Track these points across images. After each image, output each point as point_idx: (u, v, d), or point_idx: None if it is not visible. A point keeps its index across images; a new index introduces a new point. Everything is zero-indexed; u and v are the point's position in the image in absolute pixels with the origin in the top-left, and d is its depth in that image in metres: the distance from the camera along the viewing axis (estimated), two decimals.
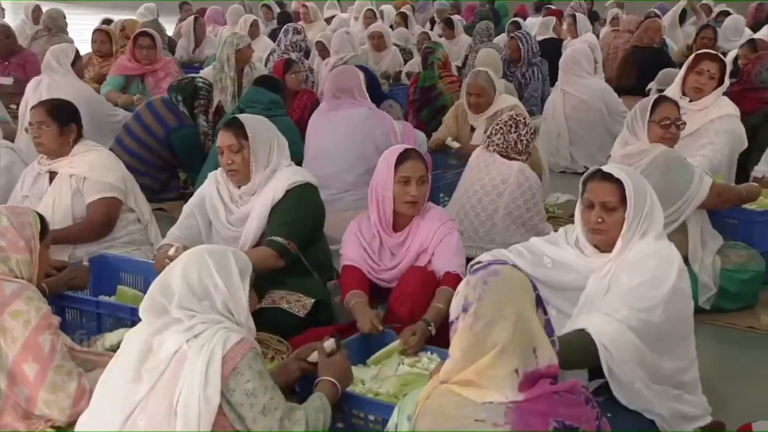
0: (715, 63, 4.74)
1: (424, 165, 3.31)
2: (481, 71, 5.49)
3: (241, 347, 2.19)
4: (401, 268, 3.33)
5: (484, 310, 1.93)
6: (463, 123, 5.63)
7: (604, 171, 2.74)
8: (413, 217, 3.35)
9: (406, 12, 11.05)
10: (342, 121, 4.94)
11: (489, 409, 1.90)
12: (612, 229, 2.72)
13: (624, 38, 9.34)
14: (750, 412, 2.81)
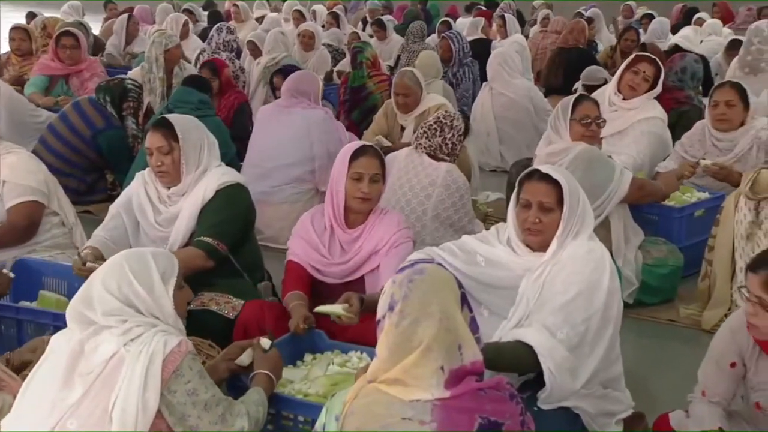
0: (651, 66, 4.92)
1: (379, 163, 3.25)
2: (408, 71, 5.53)
3: (180, 349, 2.21)
4: (351, 266, 3.27)
5: (409, 308, 1.96)
6: (393, 122, 5.68)
7: (542, 171, 2.76)
8: (369, 215, 3.29)
9: (338, 12, 11.04)
10: (298, 119, 5.01)
11: (416, 407, 1.92)
12: (548, 229, 2.74)
13: (552, 39, 9.53)
14: (668, 403, 2.88)
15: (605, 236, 3.91)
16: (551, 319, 2.60)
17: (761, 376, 2.48)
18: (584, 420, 2.70)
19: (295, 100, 5.11)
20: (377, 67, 7.13)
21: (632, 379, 3.01)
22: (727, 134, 4.66)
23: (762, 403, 2.51)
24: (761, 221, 3.56)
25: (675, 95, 5.59)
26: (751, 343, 2.47)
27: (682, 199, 4.49)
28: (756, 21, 10.32)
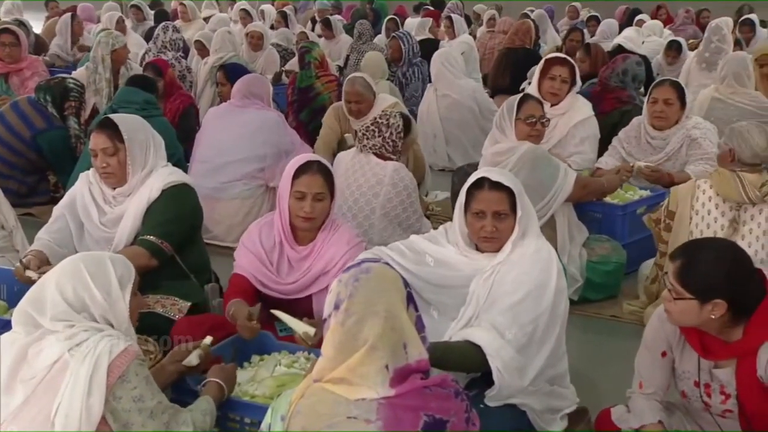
0: (564, 67, 4.98)
1: (323, 180, 3.10)
2: (358, 77, 5.52)
3: (126, 355, 2.18)
4: (299, 286, 3.17)
5: (355, 307, 1.96)
6: (345, 124, 5.66)
7: (492, 180, 2.76)
8: (319, 231, 3.18)
9: (287, 11, 11.00)
10: (251, 119, 5.01)
11: (361, 406, 1.93)
12: (504, 235, 2.76)
13: (499, 39, 9.63)
14: (612, 398, 2.92)
15: (551, 235, 3.96)
16: (500, 319, 2.63)
17: (685, 364, 2.55)
18: (530, 416, 2.74)
19: (248, 101, 5.11)
20: (325, 67, 7.11)
21: (577, 375, 3.06)
22: (661, 132, 4.78)
23: (687, 391, 2.57)
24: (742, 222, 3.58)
25: (617, 95, 5.70)
26: (677, 333, 2.53)
27: (625, 197, 4.57)
28: (694, 23, 10.63)
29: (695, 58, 7.14)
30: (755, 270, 2.46)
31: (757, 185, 3.51)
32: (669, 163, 4.73)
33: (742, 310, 2.38)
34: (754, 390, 2.41)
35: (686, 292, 2.36)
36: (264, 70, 8.29)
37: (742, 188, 3.51)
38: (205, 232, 4.52)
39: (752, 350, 2.40)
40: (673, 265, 2.42)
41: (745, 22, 9.35)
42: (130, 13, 11.17)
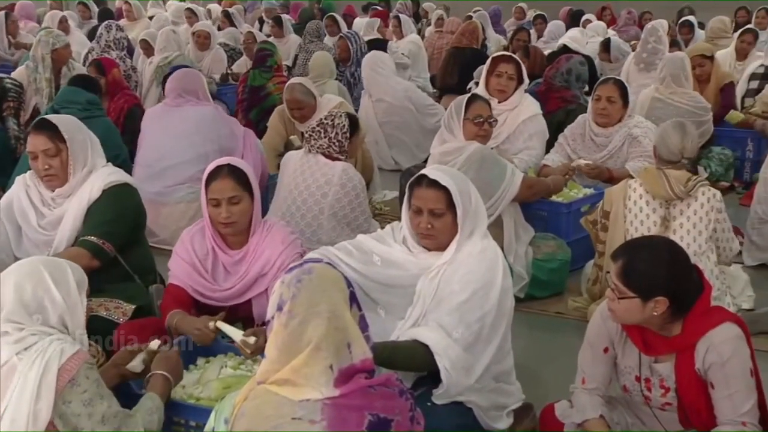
0: (510, 64, 5.06)
1: (235, 183, 3.02)
2: (296, 84, 5.51)
3: (76, 358, 2.16)
4: (237, 291, 3.11)
5: (298, 308, 1.96)
6: (291, 127, 5.64)
7: (430, 178, 2.77)
8: (253, 233, 3.11)
9: (233, 11, 10.91)
10: (187, 117, 4.93)
11: (306, 407, 1.92)
12: (441, 233, 2.77)
13: (447, 39, 9.71)
14: (557, 393, 2.96)
15: (497, 234, 4.00)
16: (447, 318, 2.65)
17: (627, 360, 2.60)
18: (476, 413, 2.77)
19: (182, 99, 5.02)
20: (280, 69, 7.10)
21: (523, 371, 3.09)
22: (604, 130, 4.89)
23: (628, 386, 2.63)
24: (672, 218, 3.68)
25: (562, 94, 5.79)
26: (619, 329, 2.58)
27: (570, 195, 4.65)
28: (636, 24, 10.84)
29: (634, 59, 7.26)
30: (693, 266, 2.52)
31: (683, 181, 3.63)
32: (611, 161, 4.84)
33: (682, 306, 2.44)
34: (692, 383, 2.47)
35: (629, 291, 2.41)
36: (211, 70, 8.22)
37: (668, 185, 3.63)
38: (151, 235, 4.47)
39: (690, 345, 2.45)
40: (615, 265, 2.47)
41: (685, 23, 9.58)
42: (76, 11, 10.97)
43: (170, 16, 10.79)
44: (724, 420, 2.41)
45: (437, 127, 4.59)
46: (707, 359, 2.42)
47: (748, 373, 2.42)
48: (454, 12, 12.04)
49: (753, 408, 2.41)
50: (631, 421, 2.71)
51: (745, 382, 2.40)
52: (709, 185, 3.74)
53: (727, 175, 5.94)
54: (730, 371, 2.39)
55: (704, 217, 3.65)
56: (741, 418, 2.38)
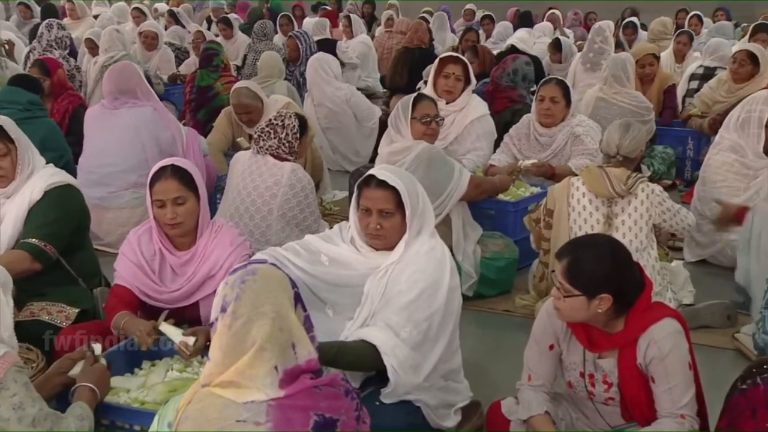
0: (458, 65, 5.10)
1: (179, 183, 3.00)
2: (241, 88, 5.47)
3: (3, 362, 2.11)
4: (184, 292, 3.08)
5: (242, 309, 1.94)
6: (239, 130, 5.60)
7: (379, 178, 2.77)
8: (200, 234, 3.08)
9: (179, 10, 10.79)
10: (125, 120, 4.82)
11: (250, 409, 1.91)
12: (390, 233, 2.77)
13: (397, 39, 9.76)
14: (504, 390, 2.97)
15: (446, 232, 4.04)
16: (395, 318, 2.66)
17: (572, 356, 2.64)
18: (424, 412, 2.78)
19: (118, 101, 4.90)
20: (227, 69, 7.04)
21: (471, 369, 3.11)
22: (548, 130, 4.98)
23: (573, 381, 2.67)
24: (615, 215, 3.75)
25: (509, 94, 5.87)
26: (564, 326, 2.62)
27: (517, 193, 4.70)
28: (582, 25, 11.03)
29: (580, 59, 7.39)
30: (634, 263, 2.57)
31: (623, 179, 3.71)
32: (555, 159, 4.93)
33: (625, 303, 2.49)
34: (634, 378, 2.52)
35: (574, 289, 2.45)
36: (159, 70, 8.13)
37: (609, 183, 3.71)
38: (96, 239, 4.40)
39: (632, 340, 2.50)
40: (559, 264, 2.50)
41: (628, 24, 9.76)
42: (17, 11, 10.73)
43: (114, 15, 10.63)
44: (664, 413, 2.46)
45: None
46: (648, 354, 2.47)
47: (687, 367, 2.47)
48: (405, 12, 12.08)
49: (691, 400, 2.46)
50: (575, 416, 2.75)
51: (683, 375, 2.46)
52: (647, 182, 3.82)
53: (669, 174, 6.09)
54: (669, 365, 2.44)
55: (644, 214, 3.73)
56: (680, 411, 2.44)
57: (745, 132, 4.47)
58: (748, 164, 4.47)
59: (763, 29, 7.74)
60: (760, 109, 4.43)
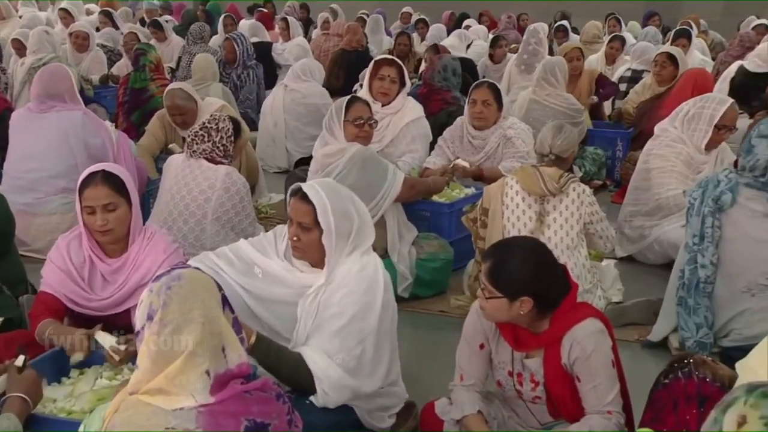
0: (393, 68, 5.15)
1: (110, 189, 2.95)
2: (175, 90, 5.41)
3: None
4: (115, 300, 3.03)
5: (170, 316, 1.92)
6: (172, 132, 5.53)
7: (303, 191, 2.73)
8: (132, 240, 3.03)
9: (110, 10, 10.60)
10: (54, 124, 4.68)
11: (180, 416, 1.89)
12: (309, 248, 2.74)
13: (334, 42, 9.75)
14: (440, 390, 2.97)
15: (381, 234, 4.05)
16: (328, 345, 2.64)
17: (500, 356, 2.68)
18: (358, 413, 2.79)
19: (46, 105, 4.76)
20: (160, 70, 6.94)
21: (407, 370, 3.12)
22: (481, 132, 5.05)
23: (502, 380, 2.71)
24: (547, 213, 3.83)
25: (443, 96, 5.93)
26: (493, 326, 2.66)
27: (451, 195, 4.73)
28: (515, 28, 11.21)
29: (515, 60, 7.51)
30: (559, 266, 2.62)
31: (555, 178, 3.80)
32: (488, 162, 5.00)
33: (547, 305, 2.53)
34: (559, 377, 2.56)
35: (496, 291, 2.49)
36: (90, 71, 7.97)
37: (542, 182, 3.79)
38: (22, 245, 4.29)
39: (556, 340, 2.55)
40: (484, 265, 2.54)
41: (560, 28, 9.96)
42: None
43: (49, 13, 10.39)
44: (591, 410, 2.51)
45: None
46: (572, 354, 2.51)
47: (610, 365, 2.53)
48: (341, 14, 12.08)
49: (616, 397, 2.52)
50: (507, 415, 2.79)
51: (607, 373, 2.51)
52: (579, 182, 3.92)
53: (599, 174, 6.22)
54: (593, 364, 2.49)
55: (575, 212, 3.82)
56: (606, 407, 2.49)
57: (691, 126, 4.57)
58: (693, 155, 4.59)
59: (684, 34, 8.00)
60: (713, 107, 4.54)
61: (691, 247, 3.51)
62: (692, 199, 3.55)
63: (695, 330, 3.47)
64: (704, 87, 5.08)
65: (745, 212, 3.42)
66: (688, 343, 3.48)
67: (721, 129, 4.50)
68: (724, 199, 3.42)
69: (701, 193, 3.51)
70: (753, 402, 1.43)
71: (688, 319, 3.50)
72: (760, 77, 6.28)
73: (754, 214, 3.40)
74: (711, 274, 3.45)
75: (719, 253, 3.45)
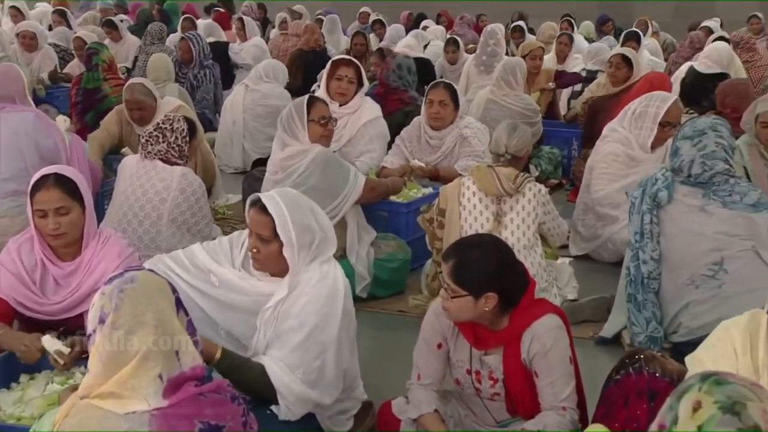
0: (350, 68, 5.16)
1: (62, 192, 2.89)
2: (136, 84, 5.36)
3: None
4: (68, 304, 2.96)
5: (122, 319, 1.90)
6: (128, 130, 5.47)
7: (262, 202, 2.67)
8: (86, 243, 2.97)
9: (65, 9, 10.42)
10: (3, 126, 4.52)
11: (132, 420, 1.87)
12: (269, 260, 2.69)
13: (292, 42, 9.72)
14: (398, 390, 2.97)
15: (340, 234, 4.04)
16: (289, 359, 2.61)
17: (459, 354, 2.69)
18: (319, 420, 2.79)
19: None
20: (113, 70, 6.84)
21: (366, 370, 3.12)
22: (438, 132, 5.08)
23: (460, 379, 2.72)
24: (504, 213, 3.87)
25: (400, 96, 5.96)
26: (451, 324, 2.67)
27: (409, 195, 4.74)
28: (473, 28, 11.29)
29: (473, 61, 7.56)
30: (518, 262, 2.65)
31: (511, 178, 3.84)
32: (445, 161, 5.03)
33: (510, 300, 2.55)
34: (518, 373, 2.59)
35: (461, 289, 2.50)
36: (41, 69, 7.83)
37: (499, 182, 3.83)
38: None
39: (516, 336, 2.57)
40: (446, 265, 2.54)
41: (516, 28, 10.06)
42: None
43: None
44: (547, 406, 2.54)
45: None
46: (531, 349, 2.54)
47: (568, 361, 2.56)
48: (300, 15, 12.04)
49: (572, 393, 2.55)
50: (463, 413, 2.80)
51: (564, 369, 2.54)
52: (535, 181, 3.96)
53: (555, 173, 6.30)
54: (551, 359, 2.52)
55: (531, 212, 3.86)
56: (561, 403, 2.52)
57: (637, 125, 4.67)
58: (634, 156, 4.67)
59: (633, 37, 8.16)
60: (657, 105, 4.64)
61: (633, 244, 3.62)
62: (633, 198, 3.68)
63: (645, 325, 3.55)
64: (661, 90, 5.17)
65: (682, 208, 3.56)
66: (639, 338, 3.55)
67: (666, 126, 4.59)
68: (661, 196, 3.56)
69: (641, 192, 3.65)
70: (707, 389, 1.48)
71: (638, 314, 3.57)
72: (709, 78, 6.41)
73: (691, 209, 3.54)
74: (654, 269, 3.55)
75: (662, 249, 3.56)
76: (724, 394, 1.46)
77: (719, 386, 1.47)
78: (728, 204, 3.50)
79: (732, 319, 2.22)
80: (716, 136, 3.54)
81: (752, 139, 4.49)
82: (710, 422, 1.44)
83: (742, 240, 3.48)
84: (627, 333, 3.70)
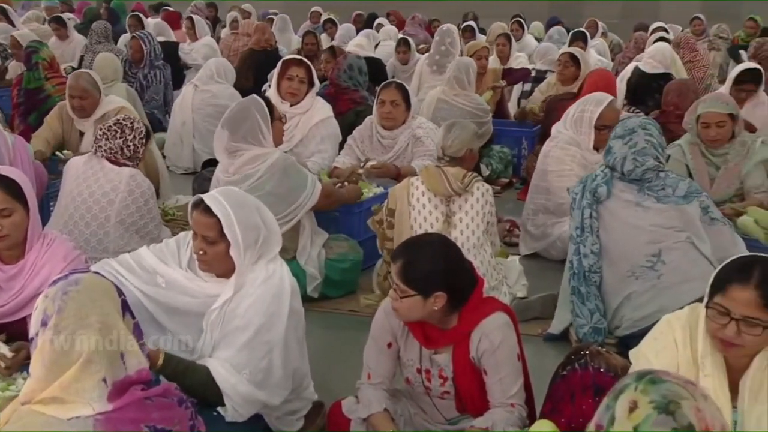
0: (301, 67, 5.17)
1: (6, 194, 2.84)
2: (84, 73, 5.33)
3: None
4: (10, 308, 2.91)
5: (65, 321, 1.88)
6: (69, 126, 5.40)
7: (206, 203, 2.64)
8: (30, 246, 2.91)
9: (6, 7, 10.19)
10: None
11: (75, 425, 1.85)
12: (215, 261, 2.66)
13: (243, 41, 9.66)
14: (346, 390, 2.99)
15: (293, 236, 4.05)
16: (235, 359, 2.58)
17: (409, 353, 2.71)
18: (267, 421, 2.78)
19: None
20: (55, 68, 6.70)
21: (316, 370, 3.12)
22: (390, 132, 5.11)
23: (410, 378, 2.74)
24: (453, 213, 3.89)
25: (351, 96, 5.97)
26: (401, 324, 2.68)
27: (364, 196, 4.74)
28: (424, 28, 11.35)
29: (426, 60, 7.59)
30: (466, 261, 2.67)
31: (459, 178, 3.87)
32: (398, 161, 5.07)
33: (459, 299, 2.57)
34: (467, 372, 2.61)
35: (410, 289, 2.51)
36: None
37: (447, 182, 3.86)
38: None
39: (466, 335, 2.59)
40: (395, 265, 2.55)
41: (467, 28, 10.14)
42: None
43: None
44: (496, 403, 2.56)
45: None
46: (480, 347, 2.56)
47: (516, 358, 2.59)
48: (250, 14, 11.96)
49: (520, 390, 2.58)
50: (413, 412, 2.82)
51: (513, 366, 2.57)
52: (482, 181, 3.99)
53: (506, 172, 6.36)
54: (500, 357, 2.55)
55: (480, 211, 3.90)
56: (510, 400, 2.55)
57: (578, 129, 4.75)
58: (586, 156, 4.75)
59: (580, 37, 8.30)
60: (591, 110, 4.72)
61: (575, 238, 3.72)
62: (574, 194, 3.78)
63: (590, 316, 3.63)
64: (607, 89, 5.26)
65: (620, 203, 3.67)
66: (584, 329, 3.62)
67: (602, 129, 4.66)
68: (600, 192, 3.68)
69: (582, 188, 3.75)
70: (642, 388, 1.51)
71: (582, 306, 3.65)
72: (654, 77, 6.54)
73: (628, 203, 3.66)
74: (594, 262, 3.65)
75: (602, 243, 3.66)
76: (659, 393, 1.49)
77: (654, 385, 1.50)
78: (662, 198, 3.62)
79: (674, 312, 2.27)
80: (645, 134, 3.66)
81: (694, 138, 4.59)
82: (646, 422, 1.47)
83: (677, 232, 3.58)
84: (573, 328, 3.75)
